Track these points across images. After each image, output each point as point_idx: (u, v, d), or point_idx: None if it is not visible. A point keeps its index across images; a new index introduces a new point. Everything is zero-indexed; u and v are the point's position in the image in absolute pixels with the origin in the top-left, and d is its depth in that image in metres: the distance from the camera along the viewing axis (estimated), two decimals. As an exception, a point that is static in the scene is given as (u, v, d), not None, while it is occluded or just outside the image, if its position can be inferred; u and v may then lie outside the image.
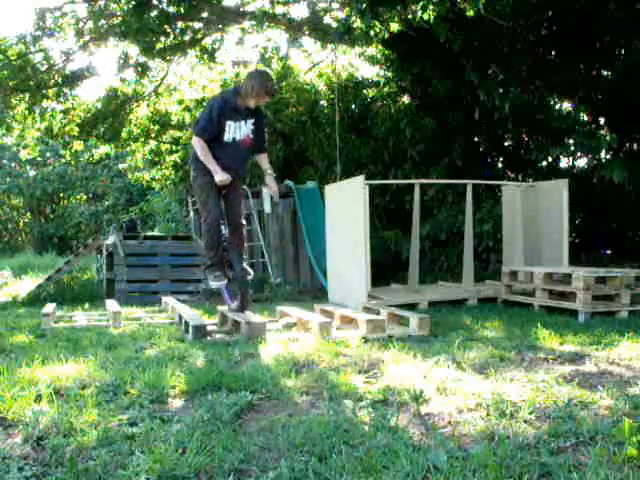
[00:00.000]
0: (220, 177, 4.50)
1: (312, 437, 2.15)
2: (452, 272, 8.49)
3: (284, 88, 11.67)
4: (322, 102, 11.42)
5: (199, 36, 9.63)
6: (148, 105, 11.93)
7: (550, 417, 2.38)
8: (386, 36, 8.37)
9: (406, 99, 10.43)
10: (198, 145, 4.56)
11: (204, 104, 11.93)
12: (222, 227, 4.74)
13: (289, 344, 4.04)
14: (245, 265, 4.92)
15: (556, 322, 4.91)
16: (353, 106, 10.89)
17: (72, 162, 21.15)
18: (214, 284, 4.87)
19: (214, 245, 4.75)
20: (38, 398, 2.63)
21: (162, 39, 8.71)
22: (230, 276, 4.88)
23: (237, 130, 4.59)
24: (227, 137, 4.57)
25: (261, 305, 7.15)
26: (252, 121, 4.65)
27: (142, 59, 9.18)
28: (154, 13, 8.20)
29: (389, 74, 10.71)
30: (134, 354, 3.72)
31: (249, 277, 4.90)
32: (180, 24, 9.02)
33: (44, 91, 9.74)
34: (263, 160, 4.90)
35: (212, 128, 4.51)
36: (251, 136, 4.66)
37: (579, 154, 8.83)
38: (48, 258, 17.62)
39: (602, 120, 8.81)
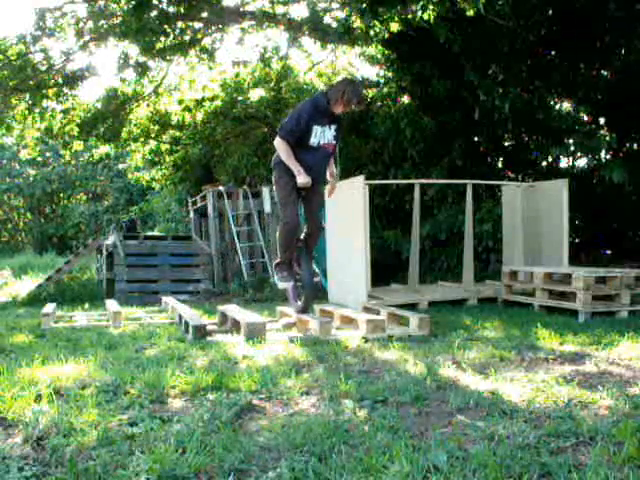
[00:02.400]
0: (303, 179, 4.51)
1: (312, 437, 2.15)
2: (452, 272, 8.50)
3: (284, 88, 11.67)
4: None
5: (199, 36, 9.62)
6: (148, 105, 11.93)
7: (550, 417, 2.38)
8: (386, 36, 8.37)
9: (406, 99, 10.43)
10: (282, 147, 4.56)
11: (204, 104, 11.97)
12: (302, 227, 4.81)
13: (289, 344, 4.04)
14: (314, 267, 4.98)
15: (556, 322, 4.91)
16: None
17: (71, 162, 21.17)
18: (281, 284, 4.91)
19: (288, 244, 4.76)
20: (38, 398, 2.63)
21: (162, 39, 8.70)
22: (298, 277, 4.93)
23: (322, 135, 4.61)
24: (313, 141, 4.57)
25: (261, 305, 7.16)
26: (335, 127, 4.67)
27: (142, 59, 9.17)
28: (154, 13, 8.19)
29: (389, 74, 10.70)
30: (134, 354, 3.72)
31: (317, 280, 4.98)
32: (180, 24, 9.02)
33: (44, 91, 9.74)
34: (331, 165, 4.97)
35: (299, 131, 4.52)
36: (334, 142, 4.69)
37: (579, 154, 8.84)
38: (48, 258, 17.64)
39: (602, 120, 8.81)
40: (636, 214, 8.35)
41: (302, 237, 4.84)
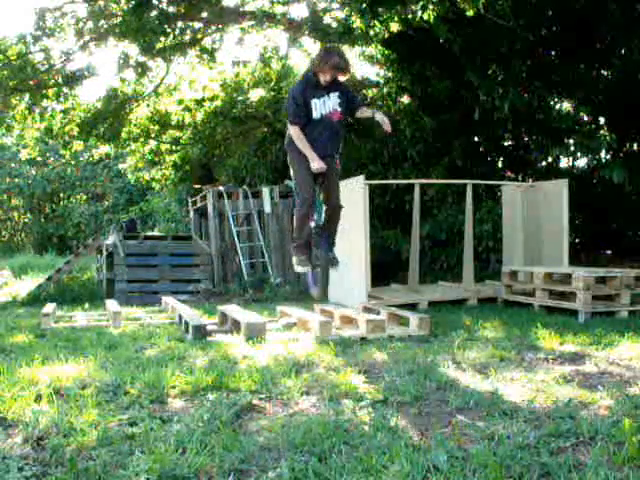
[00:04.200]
0: (316, 165, 4.49)
1: (312, 437, 2.15)
2: (452, 272, 8.49)
3: (284, 88, 11.67)
4: (322, 102, 11.40)
5: (199, 36, 9.62)
6: (148, 105, 11.92)
7: (550, 417, 2.37)
8: (386, 36, 8.37)
9: (406, 99, 10.43)
10: (294, 133, 4.55)
11: (204, 104, 11.97)
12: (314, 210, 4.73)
13: (289, 344, 4.04)
14: (334, 252, 4.91)
15: (556, 322, 4.91)
16: (353, 106, 10.87)
17: (72, 162, 21.16)
18: (298, 268, 4.84)
19: (302, 225, 4.72)
20: (38, 398, 2.63)
21: (162, 39, 8.69)
22: (315, 263, 4.85)
23: (323, 105, 4.56)
24: (315, 115, 4.56)
25: (261, 305, 7.16)
26: (337, 94, 4.56)
27: (142, 59, 9.16)
28: (154, 13, 8.19)
29: (389, 74, 10.70)
30: (134, 354, 3.72)
31: (336, 266, 4.92)
32: (180, 24, 9.02)
33: (44, 91, 9.74)
34: (366, 112, 4.85)
35: (301, 111, 4.49)
36: (339, 109, 4.59)
37: (579, 154, 8.83)
38: (48, 258, 17.63)
39: (602, 120, 8.81)
40: (636, 214, 8.35)
41: (320, 222, 4.74)
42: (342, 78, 4.52)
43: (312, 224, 4.73)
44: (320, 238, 4.74)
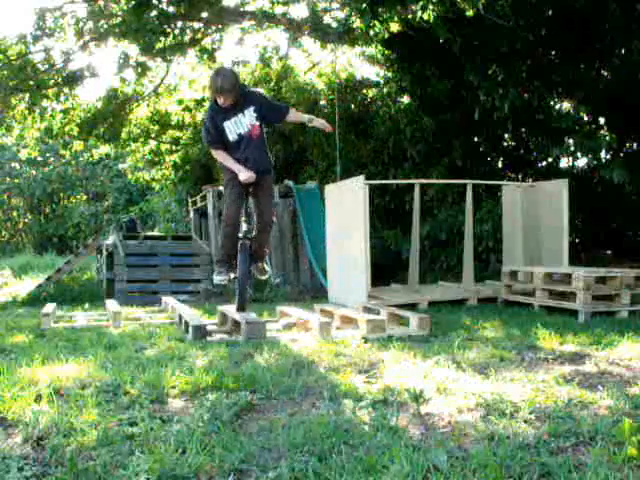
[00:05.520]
0: (244, 175, 4.51)
1: (312, 437, 2.15)
2: (452, 272, 8.50)
3: (284, 88, 11.67)
4: (322, 102, 11.42)
5: (199, 36, 9.63)
6: (148, 105, 11.93)
7: (550, 417, 2.37)
8: (386, 36, 8.38)
9: (406, 99, 10.43)
10: (218, 156, 4.65)
11: (204, 104, 11.97)
12: (243, 224, 4.73)
13: (289, 344, 4.03)
14: (264, 264, 4.93)
15: (556, 322, 4.91)
16: (353, 106, 10.89)
17: (72, 162, 21.17)
18: (216, 278, 4.88)
19: (226, 242, 4.75)
20: (38, 398, 2.63)
21: (162, 39, 8.70)
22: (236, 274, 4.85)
23: (236, 126, 4.58)
24: (232, 137, 4.57)
25: (261, 305, 7.16)
26: (251, 109, 4.56)
27: (142, 59, 9.17)
28: (154, 13, 8.20)
29: (389, 74, 10.71)
30: (134, 354, 3.72)
31: (265, 276, 4.96)
32: (180, 24, 9.02)
33: (44, 91, 9.74)
34: (297, 116, 4.91)
35: (216, 135, 4.55)
36: (257, 123, 4.60)
37: (579, 154, 8.84)
38: (48, 258, 17.63)
39: (602, 120, 8.82)
40: (636, 214, 8.35)
41: (251, 235, 4.74)
42: (227, 100, 4.44)
43: (240, 235, 4.72)
44: (245, 251, 4.69)
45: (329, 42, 8.95)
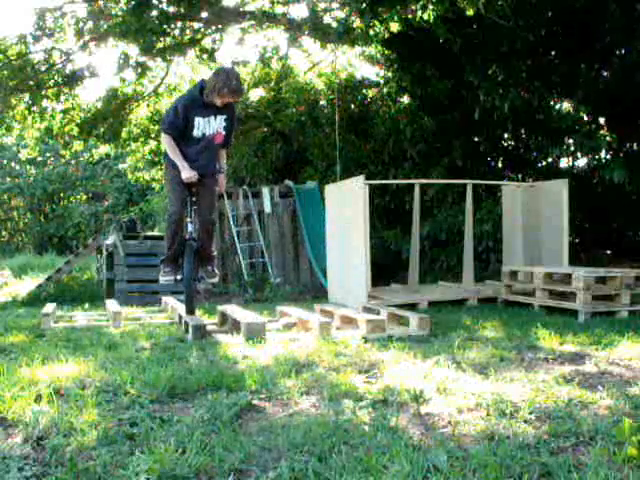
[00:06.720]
0: (186, 174, 4.47)
1: (312, 437, 2.15)
2: (452, 272, 8.50)
3: (284, 88, 11.67)
4: (322, 102, 11.42)
5: (199, 36, 9.62)
6: (148, 105, 11.92)
7: (550, 417, 2.38)
8: (386, 36, 8.37)
9: (406, 99, 10.43)
10: (166, 141, 4.55)
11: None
12: (188, 224, 4.70)
13: (289, 344, 4.03)
14: (212, 267, 4.90)
15: (556, 322, 4.91)
16: (353, 106, 10.89)
17: (72, 162, 21.16)
18: (161, 279, 4.85)
19: (171, 240, 4.72)
20: (38, 398, 2.63)
21: (162, 39, 8.70)
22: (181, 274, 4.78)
23: (207, 125, 4.55)
24: (196, 133, 4.53)
25: (261, 305, 7.16)
26: (224, 117, 4.58)
27: (142, 59, 9.16)
28: (154, 13, 8.19)
29: (389, 74, 10.71)
30: (134, 354, 3.72)
31: (214, 280, 4.92)
32: (180, 24, 9.02)
33: (44, 91, 9.74)
34: (222, 156, 4.88)
35: (179, 124, 4.48)
36: (223, 132, 4.61)
37: (579, 154, 8.84)
38: (48, 258, 17.61)
39: (602, 120, 8.81)
40: (636, 214, 8.35)
41: (194, 236, 4.71)
42: (232, 100, 4.50)
43: (186, 236, 4.69)
44: (188, 255, 4.65)
45: (329, 42, 8.94)
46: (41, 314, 5.36)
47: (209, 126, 4.55)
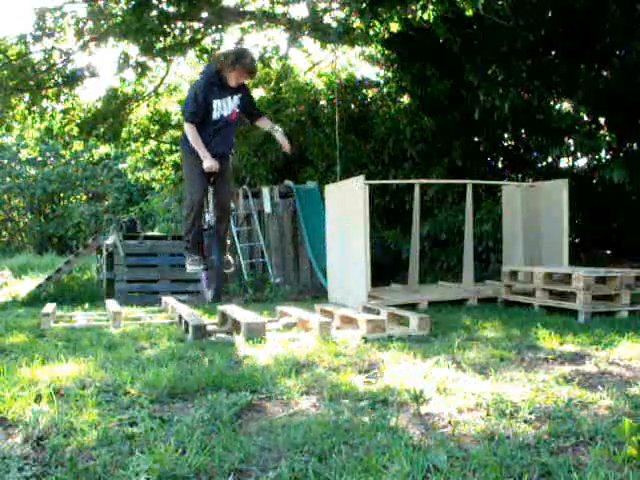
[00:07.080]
0: (208, 163, 4.47)
1: (312, 437, 2.15)
2: (452, 272, 8.50)
3: (284, 88, 11.66)
4: (322, 102, 11.42)
5: (199, 36, 9.62)
6: (148, 105, 11.92)
7: (550, 417, 2.38)
8: (386, 36, 8.37)
9: (406, 99, 10.43)
10: (189, 131, 4.52)
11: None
12: (205, 213, 4.71)
13: (289, 344, 4.03)
14: (228, 257, 4.90)
15: (556, 322, 4.91)
16: (353, 106, 10.89)
17: (72, 162, 21.15)
18: (190, 268, 4.84)
19: (192, 228, 4.72)
20: (38, 398, 2.63)
21: (162, 39, 8.70)
22: (209, 264, 4.83)
23: (225, 106, 4.56)
24: (215, 115, 4.54)
25: (261, 305, 7.16)
26: (239, 96, 4.60)
27: (142, 59, 9.16)
28: (154, 13, 8.19)
29: (389, 74, 10.71)
30: (134, 354, 3.72)
31: (230, 270, 4.92)
32: (180, 24, 9.02)
33: (44, 91, 9.73)
34: (266, 122, 4.93)
35: (200, 110, 4.47)
36: (237, 110, 4.63)
37: (579, 154, 8.84)
38: (48, 258, 17.61)
39: (602, 120, 8.81)
40: (636, 214, 8.34)
41: (212, 223, 4.72)
42: (247, 79, 4.56)
43: (205, 226, 4.70)
44: (212, 240, 4.68)
45: (329, 42, 8.94)
46: (41, 314, 5.36)
47: (227, 107, 4.56)
